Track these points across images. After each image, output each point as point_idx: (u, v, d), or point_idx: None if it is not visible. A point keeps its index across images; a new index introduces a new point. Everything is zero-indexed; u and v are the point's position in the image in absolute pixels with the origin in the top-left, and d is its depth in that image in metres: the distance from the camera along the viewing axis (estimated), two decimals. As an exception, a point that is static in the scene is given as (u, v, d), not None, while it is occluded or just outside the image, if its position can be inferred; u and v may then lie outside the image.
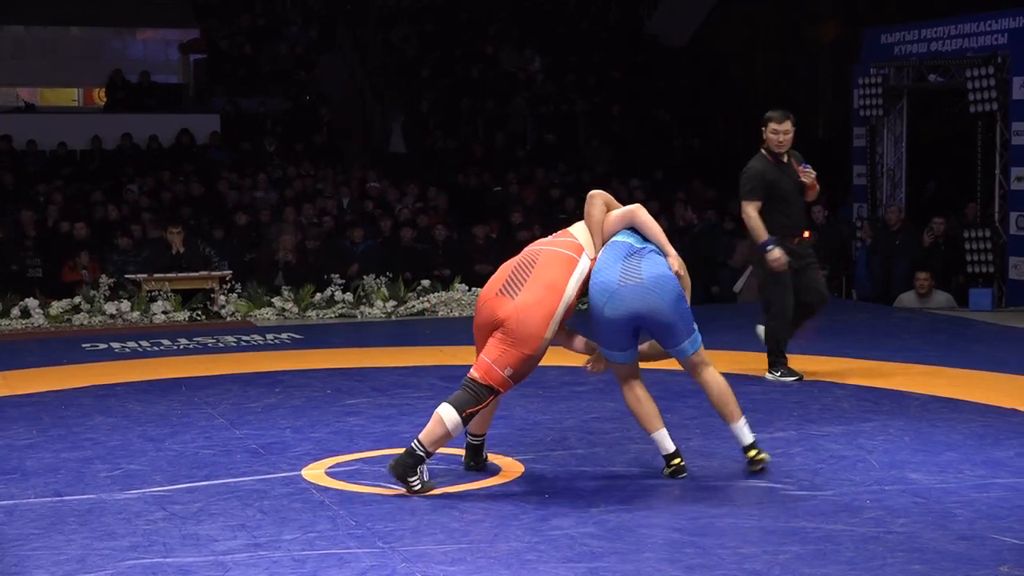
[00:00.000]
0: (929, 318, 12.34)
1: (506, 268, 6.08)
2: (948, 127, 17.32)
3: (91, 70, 23.87)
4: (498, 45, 23.26)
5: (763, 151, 8.84)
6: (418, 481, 5.78)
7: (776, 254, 8.56)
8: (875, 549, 4.95)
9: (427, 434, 5.79)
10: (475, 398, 5.83)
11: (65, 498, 5.83)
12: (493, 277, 6.09)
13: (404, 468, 5.77)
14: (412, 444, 5.79)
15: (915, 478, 6.02)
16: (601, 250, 6.08)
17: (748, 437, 6.15)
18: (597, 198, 6.18)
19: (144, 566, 4.84)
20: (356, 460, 6.51)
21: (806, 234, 9.03)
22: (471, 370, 5.90)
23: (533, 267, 5.99)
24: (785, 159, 8.83)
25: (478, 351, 5.99)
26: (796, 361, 9.12)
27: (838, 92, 20.66)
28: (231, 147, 19.70)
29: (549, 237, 6.26)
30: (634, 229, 6.15)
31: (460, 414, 5.80)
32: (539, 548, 5.02)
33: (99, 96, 24.26)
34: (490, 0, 24.95)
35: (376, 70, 22.31)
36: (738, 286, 15.17)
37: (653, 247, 6.08)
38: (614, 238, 6.11)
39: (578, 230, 6.19)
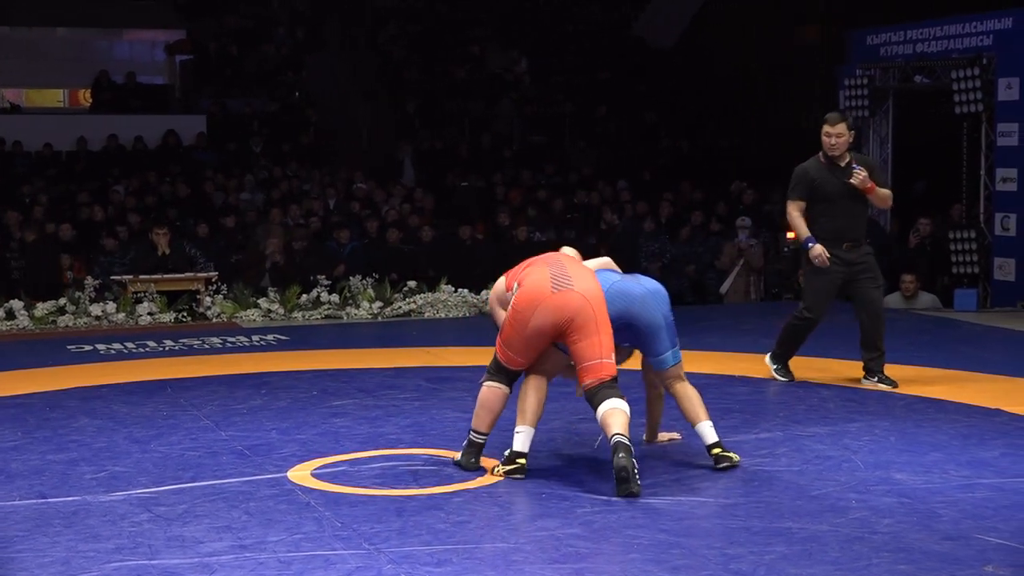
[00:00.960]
0: (914, 319, 12.36)
1: (536, 269, 6.18)
2: (934, 128, 17.36)
3: (77, 71, 23.82)
4: (484, 46, 23.26)
5: (820, 153, 8.78)
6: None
7: (818, 250, 8.51)
8: (860, 549, 4.96)
9: (623, 426, 5.82)
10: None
11: (50, 500, 5.82)
12: (532, 280, 6.12)
13: (630, 466, 5.74)
14: (622, 439, 5.76)
15: (900, 478, 6.03)
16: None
17: (712, 436, 6.29)
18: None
19: (129, 568, 4.83)
20: (342, 461, 6.51)
21: (845, 245, 8.66)
22: (602, 373, 5.95)
23: (565, 265, 6.19)
24: (843, 163, 8.67)
25: (532, 357, 6.11)
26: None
27: (824, 93, 20.70)
28: (217, 148, 19.68)
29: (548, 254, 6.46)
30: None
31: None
32: (525, 549, 5.02)
33: (85, 97, 24.21)
34: (476, 1, 24.96)
35: (363, 71, 22.29)
36: (724, 287, 15.19)
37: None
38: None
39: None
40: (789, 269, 15.36)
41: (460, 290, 13.52)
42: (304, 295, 13.49)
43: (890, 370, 8.95)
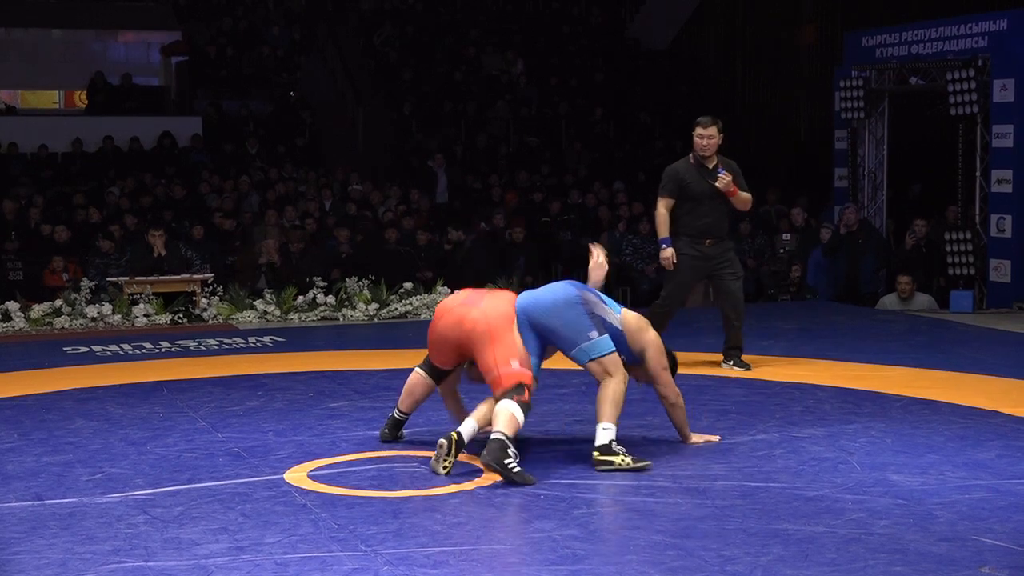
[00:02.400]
0: (910, 320, 12.37)
1: (462, 291, 6.95)
2: (929, 130, 17.39)
3: (72, 72, 23.80)
4: (480, 48, 23.27)
5: (690, 154, 9.31)
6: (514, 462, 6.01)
7: (667, 253, 9.19)
8: (857, 551, 4.97)
9: (504, 424, 6.17)
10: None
11: (46, 502, 5.81)
12: (450, 296, 7.10)
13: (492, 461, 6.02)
14: (496, 435, 6.09)
15: (897, 480, 6.04)
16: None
17: (601, 439, 6.32)
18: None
19: (126, 570, 4.83)
20: (338, 463, 6.51)
21: (707, 241, 9.31)
22: (503, 383, 6.31)
23: (485, 293, 6.82)
24: (711, 164, 9.22)
25: (444, 359, 6.78)
26: (782, 361, 9.19)
27: (819, 95, 20.72)
28: (213, 150, 19.67)
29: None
30: None
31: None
32: (522, 550, 5.02)
33: (80, 98, 24.18)
34: (472, 3, 24.96)
35: (358, 72, 22.30)
36: None
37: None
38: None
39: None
40: (784, 270, 15.37)
41: (456, 292, 13.50)
42: (300, 297, 13.48)
43: (885, 371, 8.97)
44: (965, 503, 5.62)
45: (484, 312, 6.51)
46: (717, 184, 9.12)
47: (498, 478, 6.07)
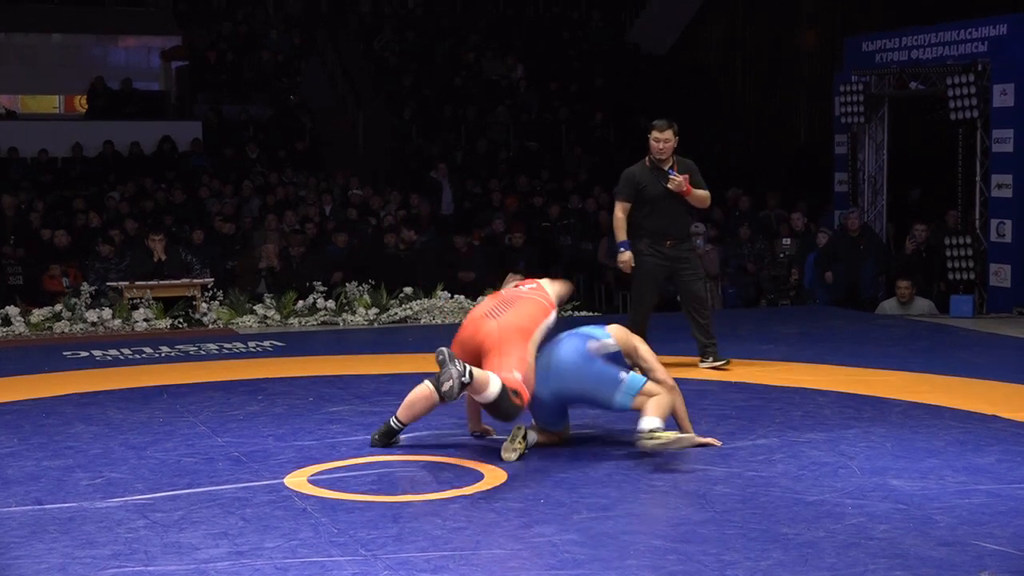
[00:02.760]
0: (910, 325, 12.37)
1: (491, 299, 6.96)
2: (929, 134, 17.39)
3: (72, 77, 23.81)
4: (480, 53, 23.29)
5: (647, 157, 9.37)
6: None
7: (625, 256, 9.28)
8: (857, 555, 4.97)
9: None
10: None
11: (46, 506, 5.81)
12: (479, 304, 7.06)
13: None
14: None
15: (897, 484, 6.03)
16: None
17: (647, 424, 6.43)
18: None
19: (126, 574, 4.83)
20: (338, 468, 6.50)
21: (667, 243, 9.41)
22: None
23: (511, 303, 6.81)
24: (667, 167, 9.29)
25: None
26: (782, 366, 9.19)
27: (819, 100, 20.73)
28: (213, 154, 19.68)
29: (525, 288, 7.01)
30: None
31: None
32: (522, 555, 5.02)
33: (80, 103, 24.20)
34: (472, 8, 24.98)
35: (358, 77, 22.31)
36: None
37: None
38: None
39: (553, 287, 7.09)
40: (784, 275, 15.37)
41: (456, 296, 13.52)
42: (300, 301, 13.48)
43: (885, 375, 8.97)
44: (965, 508, 5.62)
45: (499, 326, 6.60)
46: (669, 185, 9.20)
47: (499, 482, 6.07)
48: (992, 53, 14.13)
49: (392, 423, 6.90)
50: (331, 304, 13.44)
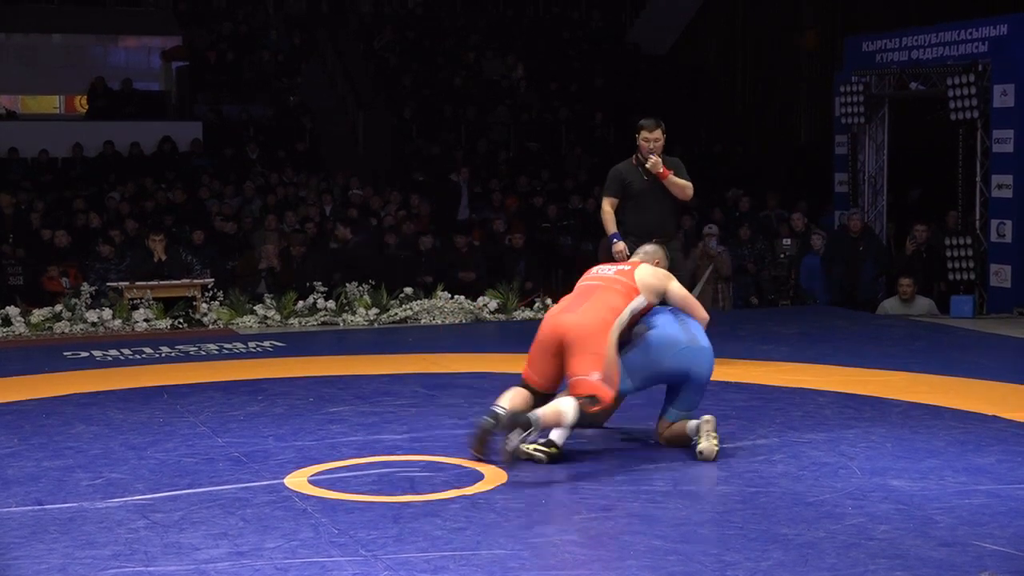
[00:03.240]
0: (910, 325, 12.37)
1: (568, 296, 6.88)
2: (929, 135, 17.39)
3: (73, 77, 23.80)
4: (480, 53, 23.29)
5: (634, 155, 9.44)
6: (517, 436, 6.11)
7: (620, 246, 9.20)
8: (857, 556, 4.97)
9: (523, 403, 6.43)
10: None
11: (46, 507, 5.81)
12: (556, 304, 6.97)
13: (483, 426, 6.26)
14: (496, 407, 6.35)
15: (897, 485, 6.03)
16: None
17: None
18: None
19: (126, 575, 4.83)
20: (339, 468, 6.50)
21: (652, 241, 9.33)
22: (578, 390, 6.38)
23: (588, 294, 6.71)
24: (650, 155, 9.28)
25: (542, 371, 6.63)
26: (782, 366, 9.19)
27: (819, 100, 20.73)
28: (213, 154, 19.68)
29: (612, 271, 6.93)
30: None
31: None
32: (522, 556, 5.02)
33: (81, 103, 24.19)
34: (473, 8, 24.98)
35: (358, 77, 22.31)
36: (694, 294, 15.14)
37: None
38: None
39: (644, 273, 6.92)
40: (785, 275, 15.36)
41: (457, 296, 13.52)
42: (300, 301, 13.48)
43: (885, 376, 8.97)
44: (965, 508, 5.62)
45: (579, 319, 6.52)
46: (647, 165, 9.19)
47: (500, 482, 6.08)
48: (992, 53, 14.13)
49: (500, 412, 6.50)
50: (331, 304, 13.43)
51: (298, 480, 6.25)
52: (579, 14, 25.88)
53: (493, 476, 6.27)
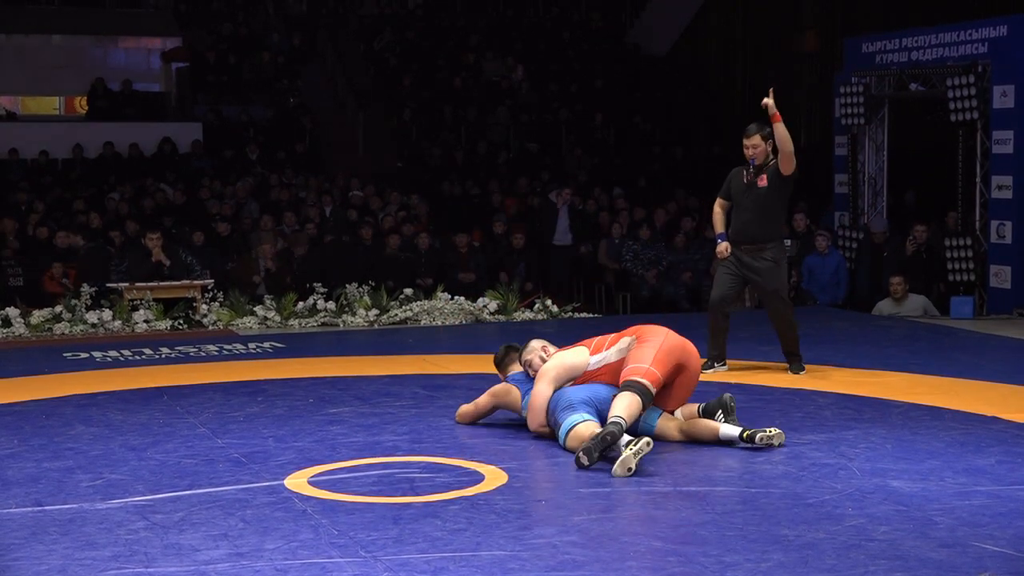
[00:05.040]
0: (910, 326, 12.37)
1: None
2: (929, 136, 17.38)
3: (73, 78, 23.81)
4: (480, 54, 23.29)
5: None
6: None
7: (722, 247, 9.33)
8: (857, 557, 4.97)
9: (623, 408, 6.58)
10: None
11: (46, 508, 5.81)
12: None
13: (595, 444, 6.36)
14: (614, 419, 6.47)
15: (897, 486, 6.03)
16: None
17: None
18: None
19: (126, 576, 4.84)
20: (339, 469, 6.50)
21: (742, 247, 9.37)
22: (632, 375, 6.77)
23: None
24: (760, 171, 9.29)
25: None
26: (782, 367, 9.19)
27: (819, 101, 20.73)
28: (213, 156, 19.68)
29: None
30: None
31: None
32: (522, 557, 5.02)
33: (81, 104, 24.20)
34: (473, 9, 24.98)
35: (358, 78, 22.32)
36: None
37: None
38: None
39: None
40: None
41: (456, 298, 13.52)
42: (300, 302, 13.48)
43: (885, 377, 8.97)
44: (965, 509, 5.62)
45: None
46: (762, 103, 9.29)
47: (499, 483, 6.08)
48: (992, 54, 14.12)
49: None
50: (331, 305, 13.43)
51: (298, 481, 6.25)
52: (579, 15, 25.89)
53: (493, 477, 6.27)
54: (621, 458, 6.23)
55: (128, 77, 22.70)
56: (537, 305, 13.59)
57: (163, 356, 10.86)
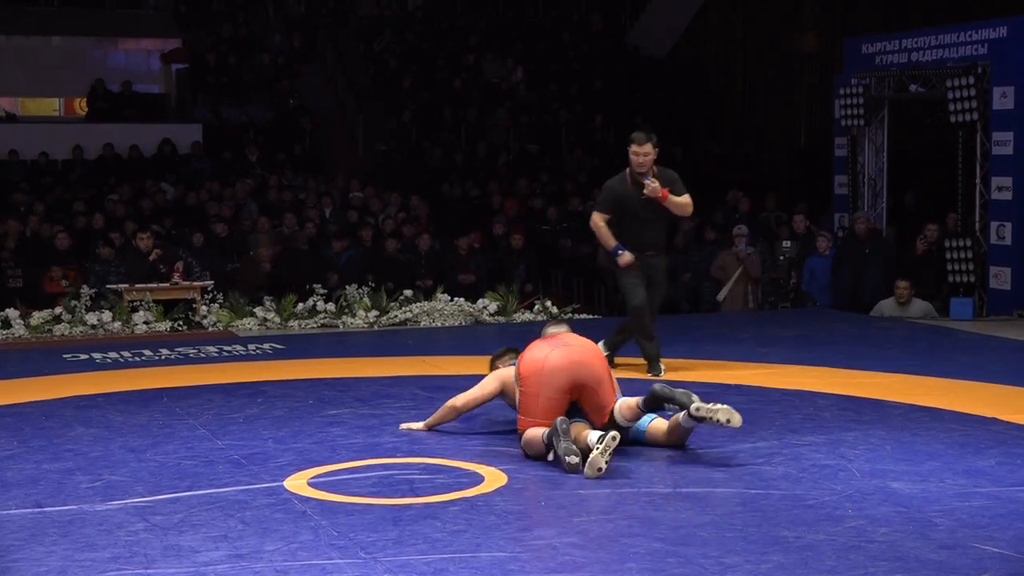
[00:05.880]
0: (910, 327, 12.37)
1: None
2: (929, 137, 17.38)
3: (72, 80, 23.79)
4: (480, 55, 23.29)
5: (627, 169, 9.37)
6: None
7: (627, 258, 9.24)
8: (857, 558, 4.97)
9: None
10: None
11: (46, 509, 5.81)
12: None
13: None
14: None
15: (896, 487, 6.03)
16: None
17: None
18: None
19: (125, 577, 4.83)
20: (338, 470, 6.50)
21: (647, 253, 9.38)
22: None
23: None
24: (647, 179, 9.19)
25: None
26: (781, 368, 9.19)
27: (819, 102, 20.73)
28: (213, 157, 19.68)
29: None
30: None
31: None
32: (521, 558, 5.02)
33: (80, 106, 24.19)
34: (472, 10, 24.98)
35: (358, 79, 22.32)
36: (722, 295, 15.18)
37: None
38: None
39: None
40: (784, 277, 15.36)
41: (456, 299, 13.52)
42: (300, 304, 13.48)
43: (885, 378, 8.98)
44: (965, 510, 5.62)
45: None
46: (644, 191, 9.11)
47: (499, 484, 6.08)
48: (992, 55, 14.12)
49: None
50: (331, 307, 13.43)
51: (298, 482, 6.25)
52: (579, 16, 25.88)
53: (493, 478, 6.27)
54: (589, 459, 6.23)
55: (128, 78, 22.70)
56: (536, 306, 13.59)
57: (163, 357, 10.85)
